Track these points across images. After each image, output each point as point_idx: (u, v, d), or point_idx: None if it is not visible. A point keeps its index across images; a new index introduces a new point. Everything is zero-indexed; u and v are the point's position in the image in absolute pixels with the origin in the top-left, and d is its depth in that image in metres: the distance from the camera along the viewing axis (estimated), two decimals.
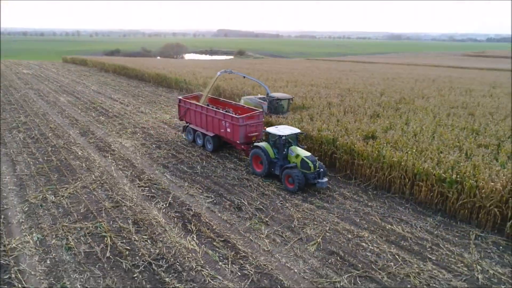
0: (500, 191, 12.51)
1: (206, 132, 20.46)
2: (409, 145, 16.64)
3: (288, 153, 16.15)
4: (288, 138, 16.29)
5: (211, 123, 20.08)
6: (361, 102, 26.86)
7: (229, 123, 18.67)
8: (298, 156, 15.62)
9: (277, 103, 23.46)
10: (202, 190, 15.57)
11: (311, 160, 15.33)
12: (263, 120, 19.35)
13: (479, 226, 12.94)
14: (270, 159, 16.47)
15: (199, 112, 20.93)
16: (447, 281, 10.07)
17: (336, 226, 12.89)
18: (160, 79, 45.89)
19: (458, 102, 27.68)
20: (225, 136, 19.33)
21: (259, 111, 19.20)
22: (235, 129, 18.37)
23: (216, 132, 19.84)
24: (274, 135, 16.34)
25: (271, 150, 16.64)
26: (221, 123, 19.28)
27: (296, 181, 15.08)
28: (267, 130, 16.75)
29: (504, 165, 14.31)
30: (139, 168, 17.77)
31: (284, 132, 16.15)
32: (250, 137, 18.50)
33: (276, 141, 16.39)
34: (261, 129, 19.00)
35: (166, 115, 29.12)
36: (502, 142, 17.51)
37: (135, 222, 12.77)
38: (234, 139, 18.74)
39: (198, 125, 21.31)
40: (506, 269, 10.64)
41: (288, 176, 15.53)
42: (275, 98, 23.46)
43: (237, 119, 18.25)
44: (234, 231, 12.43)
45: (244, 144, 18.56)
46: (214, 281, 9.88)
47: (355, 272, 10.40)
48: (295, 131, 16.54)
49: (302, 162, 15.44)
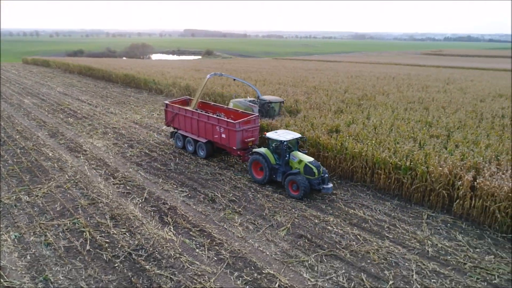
0: (447, 175, 14.02)
1: (198, 138, 19.57)
2: (369, 137, 18.00)
3: (290, 159, 15.57)
4: (288, 143, 15.87)
5: (203, 128, 19.24)
6: (326, 99, 28.22)
7: (224, 128, 17.94)
8: (301, 162, 15.08)
9: (269, 106, 22.88)
10: (176, 185, 16.16)
11: (315, 166, 14.85)
12: (259, 124, 18.90)
13: (431, 207, 14.42)
14: (271, 165, 15.84)
15: (189, 117, 19.96)
16: (402, 255, 11.33)
17: (304, 212, 13.93)
18: (128, 80, 45.56)
19: (415, 97, 29.66)
20: (220, 142, 18.59)
21: (255, 115, 18.56)
22: (231, 134, 17.69)
23: (209, 138, 19.05)
24: (276, 140, 15.75)
25: (271, 156, 16.01)
26: (215, 129, 18.50)
27: (301, 188, 14.57)
28: (267, 136, 16.06)
29: (451, 152, 15.92)
30: (113, 167, 18.07)
31: (286, 137, 15.56)
32: (247, 143, 17.97)
33: (278, 147, 15.85)
34: (258, 134, 18.56)
35: (136, 115, 29.25)
36: (451, 132, 19.26)
37: (112, 217, 13.22)
38: (230, 145, 18.05)
39: (188, 131, 20.32)
40: (452, 243, 12.05)
41: (292, 183, 15.02)
42: (267, 101, 22.88)
43: (233, 124, 17.44)
44: (209, 221, 13.17)
45: (240, 150, 18.09)
46: (192, 266, 10.59)
47: (321, 251, 11.45)
48: (296, 135, 15.95)
49: (305, 167, 14.90)
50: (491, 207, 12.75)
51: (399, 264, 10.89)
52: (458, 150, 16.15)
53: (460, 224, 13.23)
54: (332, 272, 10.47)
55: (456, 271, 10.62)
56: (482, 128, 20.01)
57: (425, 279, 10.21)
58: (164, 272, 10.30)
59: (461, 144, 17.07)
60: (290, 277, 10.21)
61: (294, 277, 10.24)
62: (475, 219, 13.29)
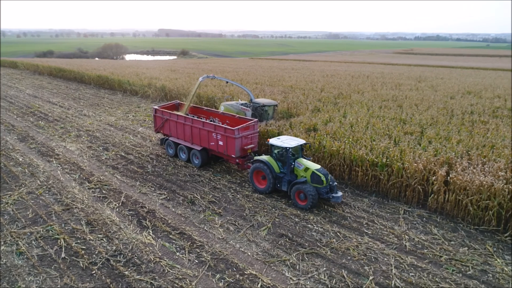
0: (422, 171, 14.42)
1: (192, 145, 18.35)
2: (346, 135, 18.28)
3: (295, 167, 14.63)
4: (292, 150, 15.03)
5: (197, 135, 18.01)
6: (303, 98, 28.47)
7: (222, 135, 16.82)
8: (308, 169, 14.15)
9: (262, 109, 21.92)
10: (154, 188, 15.86)
11: (323, 173, 13.95)
12: (258, 130, 17.96)
13: (407, 202, 14.78)
14: (275, 174, 14.86)
15: (181, 123, 18.70)
16: (381, 251, 11.55)
17: (284, 211, 13.97)
18: (101, 81, 44.39)
19: (389, 95, 30.38)
20: (216, 149, 17.41)
21: (254, 121, 17.47)
22: (230, 141, 16.60)
23: (205, 145, 17.82)
24: (280, 147, 14.84)
25: (275, 164, 15.01)
26: (211, 135, 17.35)
27: (309, 198, 13.70)
28: (271, 142, 15.00)
29: (425, 148, 16.38)
30: (88, 171, 17.54)
31: (290, 143, 14.56)
32: (246, 150, 16.96)
33: (283, 154, 14.93)
34: (257, 140, 17.68)
35: (111, 117, 28.53)
36: (424, 129, 19.83)
37: (88, 223, 12.82)
38: (228, 153, 16.90)
39: (181, 137, 19.09)
40: (428, 236, 12.39)
41: (299, 192, 14.11)
42: (260, 105, 21.93)
43: (232, 130, 16.33)
44: (189, 224, 12.99)
45: (239, 158, 17.05)
46: (173, 270, 10.41)
47: (303, 250, 11.51)
48: (300, 142, 14.96)
49: (312, 175, 14.03)
50: (464, 200, 13.20)
51: (378, 259, 11.10)
52: (431, 146, 16.64)
53: (435, 218, 13.62)
54: (313, 270, 10.54)
55: (432, 264, 10.92)
56: (453, 124, 20.70)
57: (404, 273, 10.44)
58: (144, 277, 10.08)
59: (434, 140, 17.61)
60: (272, 277, 10.20)
61: (276, 276, 10.24)
62: (449, 212, 13.72)
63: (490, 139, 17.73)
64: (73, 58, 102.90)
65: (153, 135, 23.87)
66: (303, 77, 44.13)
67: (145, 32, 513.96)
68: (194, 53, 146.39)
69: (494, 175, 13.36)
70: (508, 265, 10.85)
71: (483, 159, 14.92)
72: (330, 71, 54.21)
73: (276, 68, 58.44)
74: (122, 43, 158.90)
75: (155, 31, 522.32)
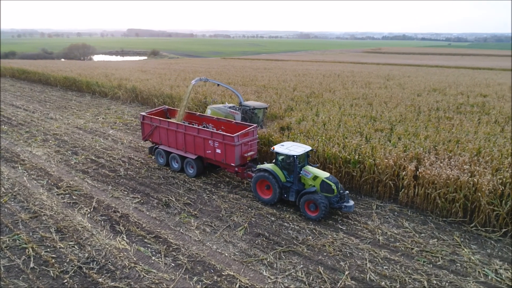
0: (392, 166, 14.86)
1: (185, 154, 17.19)
2: (319, 134, 18.55)
3: (302, 175, 13.87)
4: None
5: (191, 143, 16.86)
6: (276, 97, 28.66)
7: (220, 142, 15.74)
8: (317, 178, 13.47)
9: (252, 112, 20.87)
10: (127, 192, 15.50)
11: (333, 182, 13.34)
12: (257, 136, 17.07)
13: (379, 198, 15.20)
14: (281, 183, 14.02)
15: (173, 131, 17.46)
16: (356, 246, 11.81)
17: (260, 211, 14.01)
18: (68, 83, 42.85)
19: (359, 94, 31.09)
20: (213, 158, 16.32)
21: (253, 126, 16.53)
22: (229, 149, 15.57)
23: (200, 153, 16.71)
24: (286, 155, 13.94)
25: (281, 172, 14.16)
26: (207, 143, 16.24)
27: (321, 208, 12.96)
28: (276, 150, 14.09)
29: (395, 144, 16.89)
30: (56, 176, 16.90)
31: (296, 150, 13.77)
32: (245, 158, 16.01)
33: (290, 162, 13.99)
34: (256, 147, 16.80)
35: (79, 120, 27.61)
36: (394, 126, 20.43)
37: (58, 230, 12.35)
38: (227, 161, 15.87)
39: (173, 146, 17.81)
40: (400, 230, 12.79)
41: (309, 203, 13.34)
42: (251, 108, 20.86)
43: (232, 137, 15.31)
44: (164, 227, 12.78)
45: (238, 166, 16.04)
46: (148, 275, 10.20)
47: (280, 248, 11.58)
48: (306, 148, 14.17)
49: (322, 184, 13.35)
50: (432, 194, 13.72)
51: (354, 254, 11.34)
52: (400, 142, 17.18)
53: (406, 212, 14.08)
54: (291, 268, 10.64)
55: (405, 256, 11.28)
56: (420, 121, 21.46)
57: (378, 267, 10.73)
58: (119, 284, 9.82)
59: (403, 136, 18.18)
60: (250, 277, 10.21)
61: (254, 276, 10.26)
62: (419, 206, 14.22)
63: (455, 134, 18.51)
64: (37, 59, 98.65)
65: (124, 137, 23.32)
66: (276, 76, 44.43)
67: (113, 32, 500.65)
68: (165, 53, 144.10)
69: (459, 169, 13.96)
70: (474, 254, 11.37)
71: (449, 154, 15.56)
72: (302, 70, 54.86)
73: (249, 68, 58.51)
74: (90, 43, 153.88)
75: (124, 31, 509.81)
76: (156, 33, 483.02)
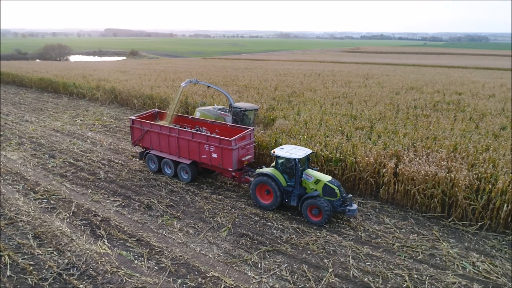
0: (373, 164, 15.11)
1: (179, 159, 16.61)
2: (301, 133, 18.69)
3: (304, 179, 13.56)
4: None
5: (185, 147, 16.28)
6: (258, 97, 28.70)
7: (216, 146, 15.23)
8: (319, 182, 13.18)
9: (243, 114, 20.31)
10: (108, 195, 15.19)
11: (336, 185, 13.06)
12: (254, 139, 16.63)
13: (361, 195, 15.43)
14: (282, 188, 13.65)
15: (165, 135, 16.77)
16: (338, 243, 11.95)
17: (244, 211, 14.00)
18: (44, 84, 41.67)
19: (340, 93, 31.49)
20: (209, 163, 15.80)
21: (250, 129, 16.09)
22: (226, 153, 15.07)
23: (195, 158, 16.16)
24: (287, 159, 13.58)
25: (281, 176, 13.77)
26: (202, 147, 15.70)
27: (324, 213, 12.69)
28: (276, 154, 13.68)
29: (375, 142, 17.19)
30: (32, 181, 16.40)
31: (298, 154, 13.43)
32: (243, 162, 15.64)
33: (291, 166, 13.59)
34: (253, 150, 16.41)
35: (56, 123, 26.89)
36: (373, 124, 20.80)
37: (36, 236, 11.99)
38: (224, 166, 15.36)
39: (165, 150, 17.14)
40: (382, 226, 13.03)
41: (312, 207, 13.04)
42: (242, 109, 20.18)
43: (229, 141, 14.81)
44: (146, 230, 12.60)
45: (236, 171, 15.57)
46: (131, 279, 10.03)
47: (264, 248, 11.60)
48: (307, 151, 13.83)
49: (325, 188, 13.05)
50: (412, 190, 14.03)
51: (337, 251, 11.47)
52: (380, 140, 17.49)
53: (387, 208, 14.35)
54: (275, 267, 10.67)
55: (386, 252, 11.49)
56: (399, 119, 21.92)
57: (361, 263, 10.89)
58: None
59: (383, 134, 18.53)
60: (235, 278, 10.18)
61: (239, 276, 10.23)
62: (399, 202, 14.53)
63: (432, 132, 18.99)
64: (11, 60, 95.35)
65: (104, 139, 22.86)
66: (257, 76, 44.48)
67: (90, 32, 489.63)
68: (144, 54, 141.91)
69: (437, 165, 14.33)
70: (453, 248, 11.69)
71: (427, 150, 15.95)
72: (283, 70, 55.11)
73: (230, 68, 58.37)
74: (66, 43, 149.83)
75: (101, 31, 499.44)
76: (134, 33, 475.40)
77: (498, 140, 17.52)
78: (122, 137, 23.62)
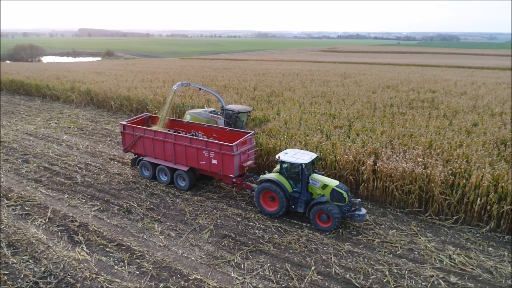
0: (352, 162, 15.36)
1: (175, 165, 15.96)
2: (281, 132, 18.79)
3: (310, 184, 13.15)
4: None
5: (182, 153, 15.58)
6: (237, 97, 28.65)
7: (216, 152, 14.62)
8: (327, 186, 12.79)
9: (236, 116, 19.66)
10: (85, 200, 14.82)
11: (344, 190, 12.71)
12: (254, 143, 16.12)
13: None
14: (288, 194, 13.23)
15: (160, 141, 16.04)
16: (320, 241, 12.08)
17: (226, 212, 13.95)
18: (15, 86, 40.22)
19: (318, 92, 31.83)
20: (208, 169, 15.17)
21: (251, 133, 15.59)
22: (227, 159, 14.46)
23: (192, 164, 15.50)
24: (292, 164, 13.13)
25: (287, 182, 13.33)
26: (201, 153, 15.05)
27: (334, 219, 12.35)
28: (282, 159, 13.16)
29: (354, 140, 17.47)
30: (5, 186, 15.80)
31: (303, 158, 13.01)
32: (244, 168, 15.05)
33: (297, 171, 13.16)
34: (254, 155, 15.93)
35: (29, 126, 26.01)
36: (352, 122, 21.14)
37: (10, 245, 11.56)
38: (224, 172, 14.77)
39: (159, 157, 16.40)
40: (361, 223, 13.25)
41: (321, 213, 12.66)
42: (235, 112, 19.55)
43: (230, 147, 14.20)
44: (126, 234, 12.36)
45: (236, 177, 14.97)
46: (112, 285, 9.82)
47: (246, 248, 11.59)
48: (312, 155, 13.43)
49: (332, 193, 12.68)
50: (390, 186, 14.35)
51: (319, 249, 11.60)
52: (359, 138, 17.80)
53: (367, 205, 14.61)
54: (258, 267, 10.68)
55: (367, 248, 11.70)
56: (376, 117, 22.36)
57: (342, 260, 11.05)
58: None
59: (361, 132, 18.86)
60: (218, 279, 10.13)
61: (222, 278, 10.19)
62: (378, 199, 14.83)
63: (408, 129, 19.47)
64: None
65: (80, 142, 22.28)
66: (236, 76, 44.39)
67: (63, 32, 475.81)
68: (120, 54, 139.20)
69: (414, 162, 14.70)
70: (430, 242, 12.03)
71: (404, 148, 16.34)
72: (261, 70, 55.22)
73: (208, 68, 58.00)
74: (38, 44, 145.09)
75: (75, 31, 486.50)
76: (110, 33, 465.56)
77: (470, 136, 18.15)
78: (99, 140, 23.08)
